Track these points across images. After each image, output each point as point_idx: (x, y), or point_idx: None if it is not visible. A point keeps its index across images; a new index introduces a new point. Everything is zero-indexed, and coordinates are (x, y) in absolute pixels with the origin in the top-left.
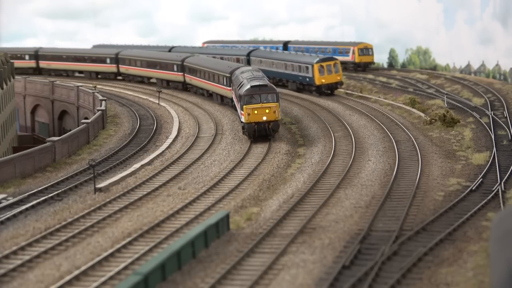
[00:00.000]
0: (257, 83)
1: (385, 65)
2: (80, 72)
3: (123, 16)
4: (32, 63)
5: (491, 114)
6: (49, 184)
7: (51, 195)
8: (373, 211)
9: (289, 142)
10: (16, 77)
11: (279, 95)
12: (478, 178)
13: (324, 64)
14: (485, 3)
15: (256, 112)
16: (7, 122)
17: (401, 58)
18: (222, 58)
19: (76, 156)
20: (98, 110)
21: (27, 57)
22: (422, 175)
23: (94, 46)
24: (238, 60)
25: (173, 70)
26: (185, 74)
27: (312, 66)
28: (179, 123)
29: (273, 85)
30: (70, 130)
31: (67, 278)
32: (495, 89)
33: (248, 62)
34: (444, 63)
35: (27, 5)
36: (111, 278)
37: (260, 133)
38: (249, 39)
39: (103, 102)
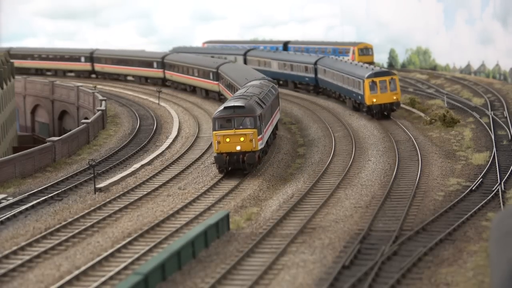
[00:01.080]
0: (232, 104)
1: (385, 65)
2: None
3: (123, 16)
4: (87, 66)
5: (491, 114)
6: (49, 184)
7: (51, 195)
8: (373, 211)
9: (289, 142)
10: (16, 77)
11: (261, 117)
12: (478, 178)
13: (377, 79)
14: (485, 3)
15: (228, 140)
16: (7, 122)
17: (401, 58)
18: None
19: (76, 156)
20: (98, 110)
21: (82, 59)
22: (422, 175)
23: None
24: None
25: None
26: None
27: (363, 81)
28: (179, 123)
29: (253, 105)
30: (70, 130)
31: (67, 278)
32: (495, 89)
33: (315, 72)
34: (444, 63)
35: (27, 5)
36: (111, 278)
37: (233, 166)
38: (249, 39)
39: (103, 102)
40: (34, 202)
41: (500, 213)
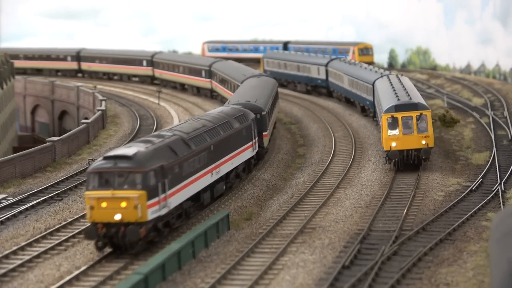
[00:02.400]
0: (114, 153)
1: (385, 65)
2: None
3: (123, 16)
4: (148, 71)
5: (491, 114)
6: (49, 184)
7: (51, 195)
8: (373, 211)
9: (289, 142)
10: (16, 77)
11: (162, 172)
12: (478, 178)
13: (399, 115)
14: (485, 3)
15: (104, 205)
16: (7, 122)
17: (401, 58)
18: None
19: (76, 156)
20: (98, 110)
21: (144, 62)
22: (422, 175)
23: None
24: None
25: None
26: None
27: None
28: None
29: (147, 155)
30: (70, 130)
31: (67, 278)
32: (495, 89)
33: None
34: (444, 63)
35: (27, 5)
36: (111, 278)
37: (111, 242)
38: (249, 39)
39: (103, 102)
40: (34, 202)
41: (500, 213)
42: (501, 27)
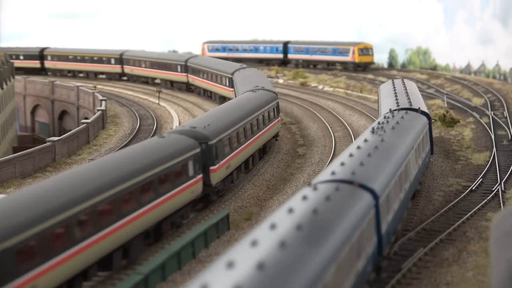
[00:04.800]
0: None
1: (385, 65)
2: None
3: (123, 16)
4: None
5: (491, 114)
6: None
7: None
8: None
9: (289, 142)
10: (16, 77)
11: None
12: (478, 178)
13: None
14: (485, 3)
15: None
16: (7, 122)
17: (401, 58)
18: None
19: (76, 156)
20: (98, 110)
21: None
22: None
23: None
24: None
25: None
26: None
27: None
28: (179, 123)
29: None
30: (70, 130)
31: None
32: (495, 89)
33: None
34: (444, 63)
35: (27, 4)
36: (111, 278)
37: None
38: (249, 39)
39: (103, 102)
40: None
41: (500, 213)
42: (501, 27)
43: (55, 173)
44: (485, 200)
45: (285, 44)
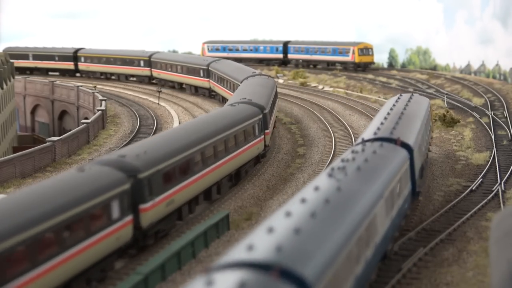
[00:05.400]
0: None
1: (385, 65)
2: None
3: (123, 16)
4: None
5: (491, 114)
6: None
7: None
8: None
9: (289, 142)
10: (16, 77)
11: None
12: (478, 178)
13: None
14: (485, 3)
15: None
16: (7, 122)
17: (401, 58)
18: None
19: (76, 156)
20: (98, 110)
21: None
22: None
23: None
24: None
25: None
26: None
27: None
28: (179, 123)
29: None
30: (70, 130)
31: None
32: (495, 89)
33: None
34: (444, 63)
35: (27, 5)
36: (111, 278)
37: None
38: (249, 39)
39: (103, 102)
40: None
41: (500, 213)
42: (501, 27)
43: (55, 173)
44: (485, 200)
45: (285, 44)
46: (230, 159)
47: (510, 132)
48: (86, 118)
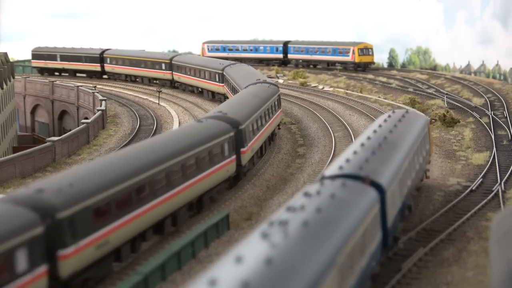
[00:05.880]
0: None
1: (385, 65)
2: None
3: (123, 16)
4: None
5: (491, 114)
6: None
7: None
8: None
9: (289, 142)
10: (16, 77)
11: None
12: (478, 178)
13: None
14: (485, 3)
15: None
16: (7, 122)
17: (401, 58)
18: None
19: (76, 156)
20: (98, 110)
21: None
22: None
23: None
24: None
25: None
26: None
27: None
28: (179, 123)
29: None
30: (70, 130)
31: None
32: (495, 89)
33: None
34: (444, 63)
35: (27, 5)
36: (111, 278)
37: None
38: (249, 39)
39: (103, 102)
40: None
41: (500, 213)
42: (501, 27)
43: (55, 173)
44: (485, 200)
45: (285, 44)
46: (189, 186)
47: (510, 132)
48: (86, 118)
